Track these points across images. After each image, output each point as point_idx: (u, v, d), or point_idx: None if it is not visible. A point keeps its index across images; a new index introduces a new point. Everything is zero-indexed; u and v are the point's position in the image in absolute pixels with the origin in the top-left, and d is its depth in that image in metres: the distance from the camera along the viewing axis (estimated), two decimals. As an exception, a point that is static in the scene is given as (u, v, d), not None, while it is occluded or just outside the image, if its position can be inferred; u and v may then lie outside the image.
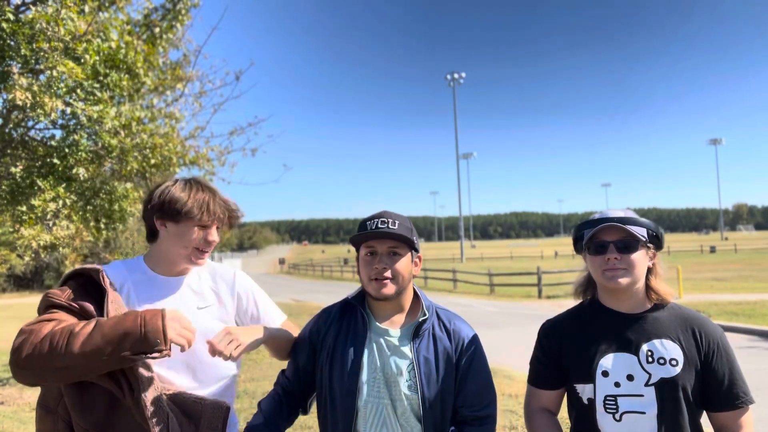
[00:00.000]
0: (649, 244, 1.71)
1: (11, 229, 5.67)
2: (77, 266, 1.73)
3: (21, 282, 38.24)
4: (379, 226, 1.73)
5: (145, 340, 1.47)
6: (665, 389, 1.62)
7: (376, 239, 1.74)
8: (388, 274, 1.72)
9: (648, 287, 1.74)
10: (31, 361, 1.44)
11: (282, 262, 66.72)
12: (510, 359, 8.07)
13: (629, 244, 1.67)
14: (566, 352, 1.78)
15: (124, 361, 1.50)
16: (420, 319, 1.77)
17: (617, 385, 1.66)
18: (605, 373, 1.68)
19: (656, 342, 1.67)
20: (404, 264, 1.75)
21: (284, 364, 2.02)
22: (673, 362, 1.64)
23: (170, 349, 1.53)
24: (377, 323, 1.79)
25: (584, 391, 1.73)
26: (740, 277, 22.87)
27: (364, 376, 1.73)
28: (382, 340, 1.76)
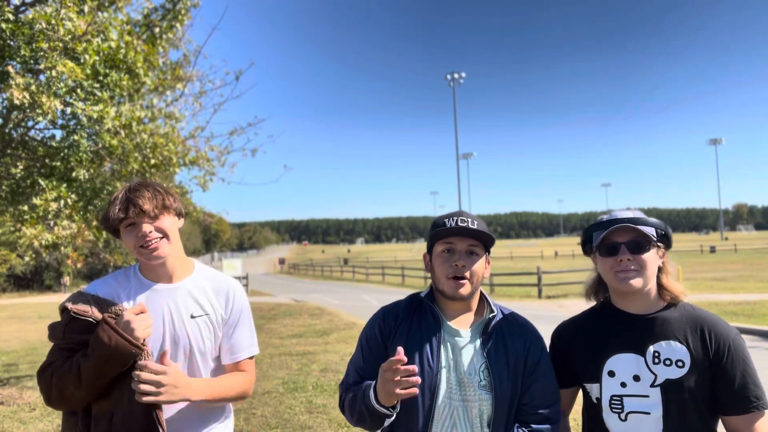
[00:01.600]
0: (658, 244, 1.70)
1: (12, 229, 5.67)
2: (65, 303, 1.76)
3: (21, 282, 38.25)
4: (460, 224, 1.70)
5: (122, 359, 1.61)
6: (670, 390, 1.61)
7: (458, 236, 1.71)
8: (466, 273, 1.69)
9: (660, 286, 1.72)
10: (54, 406, 1.72)
11: (282, 262, 66.68)
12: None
13: (641, 244, 1.65)
14: (576, 352, 1.79)
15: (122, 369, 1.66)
16: (489, 317, 1.76)
17: (623, 385, 1.66)
18: (611, 373, 1.68)
19: (663, 343, 1.65)
20: (480, 264, 1.73)
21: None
22: (679, 363, 1.62)
23: (146, 347, 1.65)
24: (448, 323, 1.75)
25: (592, 390, 1.74)
26: (740, 277, 22.86)
27: (443, 376, 1.68)
28: (454, 340, 1.73)
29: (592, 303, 1.90)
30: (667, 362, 1.63)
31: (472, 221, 1.71)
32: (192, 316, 1.81)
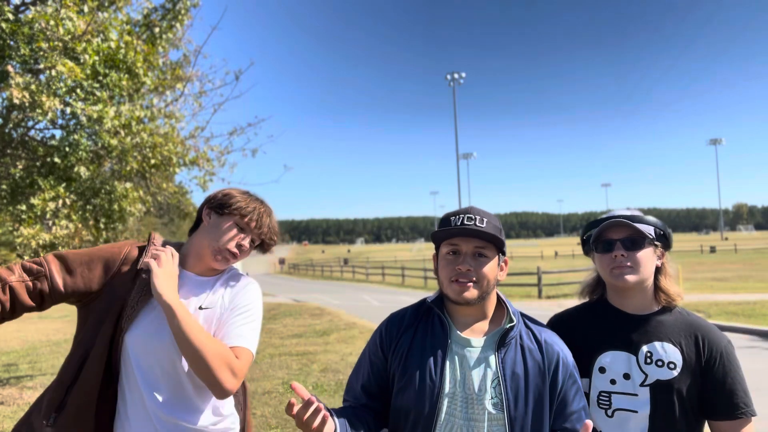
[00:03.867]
0: (656, 243, 1.72)
1: (11, 229, 5.66)
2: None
3: (21, 282, 38.20)
4: (465, 222, 1.53)
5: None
6: (660, 391, 1.63)
7: (462, 237, 1.54)
8: (472, 276, 1.52)
9: (657, 288, 1.74)
10: None
11: (282, 262, 66.71)
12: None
13: (636, 242, 1.68)
14: (569, 345, 1.76)
15: None
16: (506, 326, 1.56)
17: (613, 382, 1.68)
18: (602, 369, 1.70)
19: (657, 344, 1.67)
20: (490, 267, 1.54)
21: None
22: (671, 365, 1.64)
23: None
24: (458, 331, 1.57)
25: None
26: (740, 277, 22.84)
27: (446, 391, 1.50)
28: (463, 351, 1.55)
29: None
30: (659, 363, 1.65)
31: (481, 219, 1.54)
32: (200, 308, 1.81)
